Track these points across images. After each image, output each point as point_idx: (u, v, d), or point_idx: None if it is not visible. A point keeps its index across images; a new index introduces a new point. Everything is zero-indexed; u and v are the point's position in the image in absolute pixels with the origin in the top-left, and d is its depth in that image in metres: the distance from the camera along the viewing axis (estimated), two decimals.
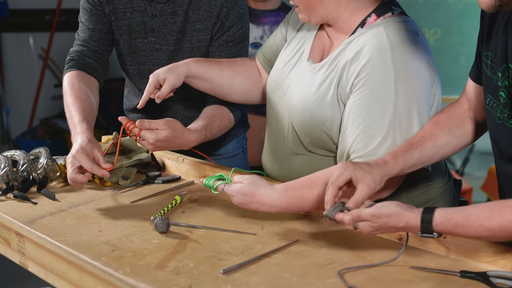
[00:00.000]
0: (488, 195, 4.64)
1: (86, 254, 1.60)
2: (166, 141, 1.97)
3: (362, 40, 1.78)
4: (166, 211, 1.88)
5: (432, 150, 1.70)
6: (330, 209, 1.54)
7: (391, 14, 1.82)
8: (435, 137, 1.71)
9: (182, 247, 1.66)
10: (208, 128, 2.12)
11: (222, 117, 2.20)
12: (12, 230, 1.84)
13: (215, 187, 1.80)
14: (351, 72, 1.77)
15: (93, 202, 2.00)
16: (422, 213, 1.45)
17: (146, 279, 1.46)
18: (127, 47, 2.34)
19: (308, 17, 1.88)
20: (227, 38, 2.25)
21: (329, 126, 1.82)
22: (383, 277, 1.47)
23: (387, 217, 1.47)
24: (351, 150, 1.75)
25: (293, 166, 1.94)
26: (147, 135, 1.95)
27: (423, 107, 1.75)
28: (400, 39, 1.76)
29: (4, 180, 2.06)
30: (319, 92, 1.83)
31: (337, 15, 1.85)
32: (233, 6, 2.23)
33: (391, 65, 1.72)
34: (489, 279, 1.41)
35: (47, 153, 2.17)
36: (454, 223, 1.42)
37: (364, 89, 1.74)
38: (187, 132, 2.03)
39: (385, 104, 1.72)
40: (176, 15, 2.24)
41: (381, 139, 1.72)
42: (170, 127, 1.96)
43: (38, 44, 6.47)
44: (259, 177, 1.75)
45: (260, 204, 1.72)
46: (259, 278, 1.47)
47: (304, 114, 1.86)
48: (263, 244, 1.67)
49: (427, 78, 1.77)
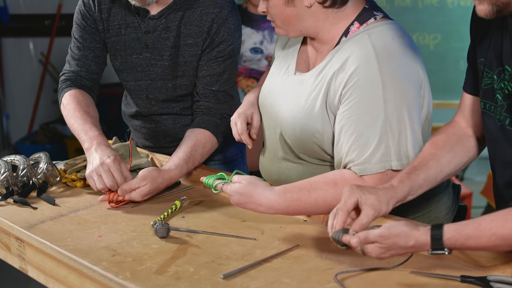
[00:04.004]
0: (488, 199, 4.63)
1: (86, 259, 1.60)
2: (151, 192, 2.03)
3: (347, 49, 1.78)
4: (166, 216, 1.88)
5: (437, 168, 1.68)
6: (336, 231, 1.50)
7: (374, 20, 1.82)
8: (437, 156, 1.70)
9: (182, 252, 1.66)
10: (190, 161, 2.15)
11: (204, 144, 2.21)
12: (12, 235, 1.84)
13: (214, 186, 1.81)
14: (338, 83, 1.77)
15: (93, 207, 2.00)
16: (431, 229, 1.42)
17: (146, 284, 1.46)
18: (124, 63, 2.34)
19: (285, 31, 1.87)
20: (216, 54, 2.25)
21: (320, 138, 1.83)
22: (383, 281, 1.47)
23: (396, 237, 1.42)
24: (346, 160, 1.75)
25: (290, 174, 1.94)
26: (131, 197, 2.00)
27: (414, 109, 1.75)
28: (385, 44, 1.75)
29: (4, 185, 2.06)
30: (307, 104, 1.83)
31: (317, 28, 1.84)
32: (224, 22, 2.23)
33: (377, 72, 1.72)
34: (489, 284, 1.41)
35: (47, 158, 2.17)
36: (465, 235, 1.39)
37: (353, 98, 1.74)
38: (167, 174, 2.07)
39: (375, 112, 1.72)
40: (169, 30, 2.24)
41: (375, 146, 1.72)
42: (149, 181, 2.01)
43: (38, 49, 6.47)
44: (258, 178, 1.75)
45: (257, 205, 1.73)
46: (259, 283, 1.47)
47: (295, 127, 1.86)
48: (263, 249, 1.67)
49: (415, 80, 1.77)
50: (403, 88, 1.74)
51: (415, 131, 1.75)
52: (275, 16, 1.85)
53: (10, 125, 6.42)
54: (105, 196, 2.01)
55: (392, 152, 1.72)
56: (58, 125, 6.29)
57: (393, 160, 1.72)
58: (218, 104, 2.29)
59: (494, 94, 1.57)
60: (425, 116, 1.82)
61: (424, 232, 1.42)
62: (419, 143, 1.76)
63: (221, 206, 2.01)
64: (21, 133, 6.47)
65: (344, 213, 1.52)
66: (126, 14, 2.27)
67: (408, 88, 1.75)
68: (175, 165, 2.10)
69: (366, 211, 1.51)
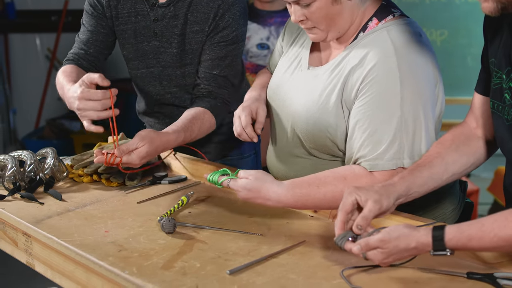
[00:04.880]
0: (495, 196, 4.62)
1: (93, 254, 1.60)
2: (149, 154, 1.99)
3: (366, 45, 1.78)
4: (173, 211, 1.88)
5: (442, 167, 1.68)
6: (339, 237, 1.50)
7: (392, 17, 1.82)
8: (442, 154, 1.69)
9: (188, 247, 1.66)
10: (188, 130, 2.13)
11: (203, 121, 2.20)
12: (19, 230, 1.85)
13: (220, 182, 1.78)
14: (355, 78, 1.77)
15: (100, 202, 2.01)
16: (432, 230, 1.41)
17: (152, 279, 1.46)
18: (134, 51, 2.35)
19: (325, 34, 1.83)
20: (220, 39, 2.25)
21: (333, 133, 1.82)
22: (390, 278, 1.47)
23: (396, 240, 1.41)
24: (358, 155, 1.75)
25: (298, 170, 1.94)
26: (129, 159, 1.96)
27: (428, 108, 1.75)
28: (404, 42, 1.75)
29: (11, 180, 2.06)
30: (322, 99, 1.83)
31: (349, 24, 1.83)
32: (230, 8, 2.23)
33: (396, 69, 1.72)
34: (496, 281, 1.41)
35: (54, 153, 2.17)
36: (467, 236, 1.38)
37: (370, 93, 1.74)
38: (165, 136, 2.05)
39: (391, 108, 1.72)
40: (177, 18, 2.25)
41: (389, 143, 1.71)
42: (147, 141, 1.98)
43: (45, 45, 6.48)
44: (264, 173, 1.74)
45: (265, 200, 1.72)
46: (265, 278, 1.47)
47: (308, 121, 1.86)
48: (269, 244, 1.67)
49: (431, 79, 1.77)
50: (419, 86, 1.74)
51: (429, 129, 1.74)
52: (319, 19, 1.79)
53: (17, 120, 6.44)
54: (101, 157, 1.96)
55: (406, 150, 1.71)
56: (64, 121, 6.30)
57: (406, 158, 1.71)
58: (219, 88, 2.29)
59: (503, 93, 1.57)
60: (438, 115, 1.82)
61: (425, 233, 1.41)
62: (432, 141, 1.76)
63: (228, 202, 2.01)
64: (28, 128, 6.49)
65: (343, 213, 1.52)
66: (136, 2, 2.29)
67: (424, 86, 1.75)
68: (172, 130, 2.09)
69: (369, 206, 1.51)
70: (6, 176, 2.06)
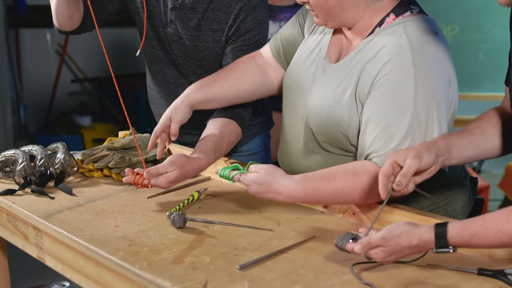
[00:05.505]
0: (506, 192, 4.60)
1: (103, 248, 1.61)
2: (178, 179, 1.94)
3: (381, 40, 1.78)
4: (182, 206, 1.89)
5: (481, 137, 1.68)
6: (339, 239, 1.48)
7: (410, 14, 1.81)
8: (482, 126, 1.69)
9: (198, 242, 1.66)
10: (217, 150, 2.08)
11: (230, 134, 2.16)
12: (30, 225, 1.86)
13: (231, 177, 1.78)
14: (370, 72, 1.76)
15: (110, 197, 2.01)
16: (435, 227, 1.40)
17: (162, 274, 1.46)
18: (154, 33, 2.35)
19: (325, 22, 1.86)
20: (242, 43, 2.24)
21: (346, 127, 1.82)
22: (400, 274, 1.47)
23: (398, 237, 1.40)
24: (369, 150, 1.74)
25: (311, 164, 1.93)
26: (158, 182, 1.92)
27: (442, 105, 1.74)
28: (420, 39, 1.74)
29: (22, 174, 2.07)
30: (336, 92, 1.83)
31: (356, 19, 1.84)
32: (252, 12, 2.22)
33: (411, 65, 1.71)
34: (507, 277, 1.40)
35: (64, 148, 2.18)
36: (471, 232, 1.37)
37: (384, 89, 1.73)
38: (196, 162, 1.99)
39: (404, 104, 1.71)
40: (195, 11, 2.25)
41: (401, 139, 1.70)
42: (178, 166, 1.93)
43: (55, 40, 6.50)
44: (275, 167, 1.74)
45: (276, 194, 1.72)
46: (275, 274, 1.47)
47: (321, 115, 1.85)
48: (279, 240, 1.67)
49: (446, 77, 1.76)
50: (434, 83, 1.73)
51: (442, 127, 1.73)
52: (318, 7, 1.83)
53: (27, 115, 6.46)
54: (130, 178, 1.93)
55: None
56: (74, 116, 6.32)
57: None
58: None
59: None
60: (451, 114, 1.81)
61: (427, 230, 1.40)
62: None
63: (238, 197, 2.01)
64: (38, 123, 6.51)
65: (383, 177, 1.53)
66: None
67: (439, 84, 1.74)
68: (203, 154, 2.03)
69: (408, 162, 1.52)
70: (17, 170, 2.07)
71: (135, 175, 1.92)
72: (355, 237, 1.47)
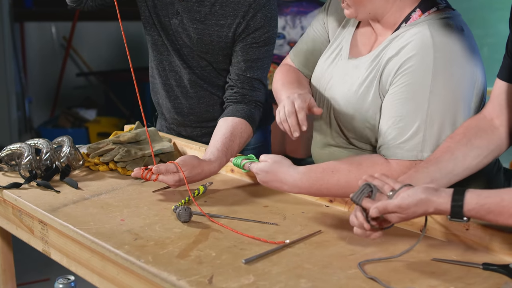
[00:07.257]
0: None
1: (109, 242, 1.61)
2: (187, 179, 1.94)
3: (405, 37, 1.77)
4: (188, 200, 1.89)
5: (450, 162, 1.65)
6: (356, 193, 1.49)
7: (436, 9, 1.81)
8: (452, 149, 1.66)
9: (204, 236, 1.66)
10: (229, 152, 2.07)
11: (241, 134, 2.15)
12: (35, 218, 1.86)
13: (242, 165, 1.85)
14: (391, 68, 1.76)
15: (116, 191, 2.01)
16: (452, 198, 1.39)
17: (168, 268, 1.47)
18: (159, 23, 2.35)
19: (355, 12, 1.85)
20: (252, 40, 2.23)
21: (373, 123, 1.82)
22: (405, 268, 1.47)
23: (415, 206, 1.41)
24: (380, 142, 1.75)
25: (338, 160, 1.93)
26: (165, 179, 1.92)
27: (460, 105, 1.73)
28: (444, 36, 1.73)
29: (28, 168, 2.07)
30: (361, 89, 1.83)
31: (385, 10, 1.83)
32: (261, 9, 2.21)
33: (431, 62, 1.70)
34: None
35: (70, 141, 2.18)
36: (487, 209, 1.37)
37: (402, 83, 1.73)
38: (207, 165, 1.99)
39: (419, 100, 1.71)
40: (202, 4, 2.24)
41: (411, 134, 1.70)
42: (188, 168, 1.93)
43: (61, 34, 6.51)
44: (283, 157, 1.77)
45: (281, 183, 1.74)
46: (280, 268, 1.47)
47: (348, 111, 1.86)
48: (285, 234, 1.67)
49: (469, 77, 1.75)
50: (454, 83, 1.72)
51: (457, 127, 1.72)
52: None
53: (32, 109, 6.47)
54: (139, 172, 1.94)
55: (428, 144, 1.70)
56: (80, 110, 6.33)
57: (426, 152, 1.70)
58: (253, 91, 2.26)
59: None
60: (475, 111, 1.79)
61: (444, 200, 1.39)
62: None
63: (243, 191, 2.01)
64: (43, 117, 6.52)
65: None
66: None
67: (460, 84, 1.73)
68: (215, 157, 2.03)
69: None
70: (23, 164, 2.07)
71: (143, 169, 1.93)
72: (371, 191, 1.48)
